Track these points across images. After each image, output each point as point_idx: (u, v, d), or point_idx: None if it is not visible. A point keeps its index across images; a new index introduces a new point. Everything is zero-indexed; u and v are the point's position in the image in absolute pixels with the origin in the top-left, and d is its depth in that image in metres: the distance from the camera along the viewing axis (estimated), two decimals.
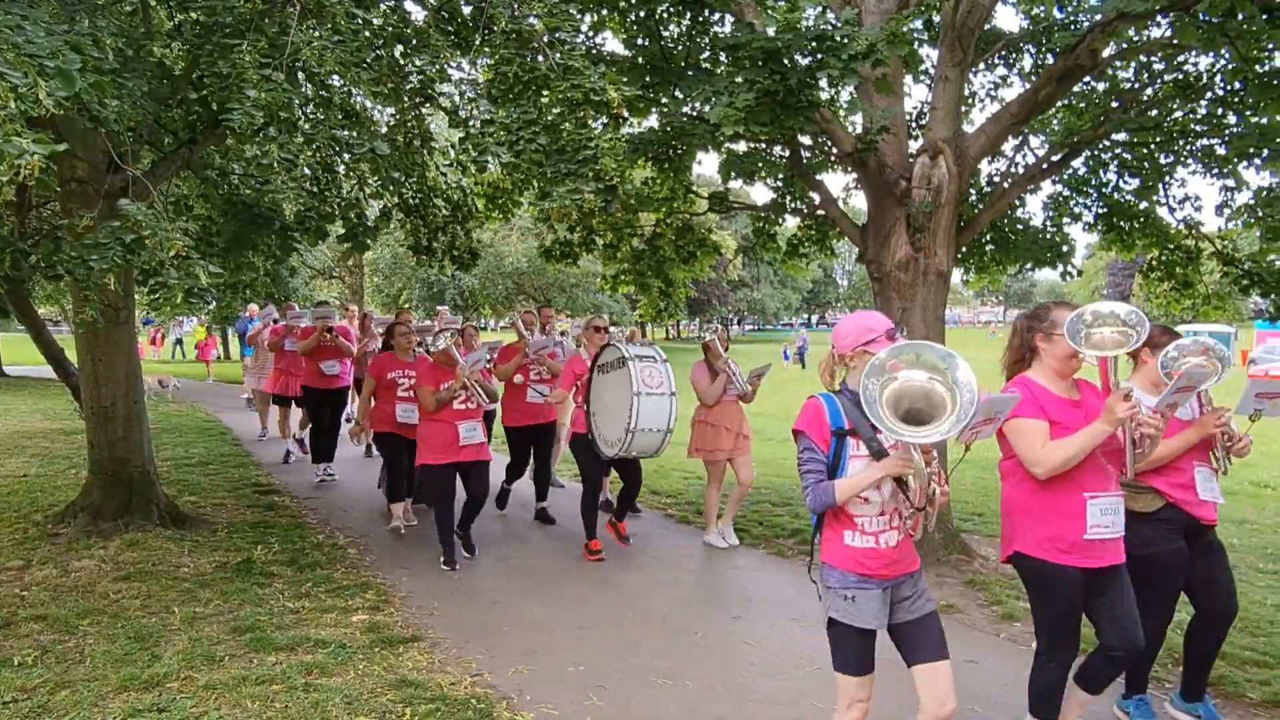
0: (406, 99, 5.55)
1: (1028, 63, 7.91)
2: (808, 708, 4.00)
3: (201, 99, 5.59)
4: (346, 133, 5.04)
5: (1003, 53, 7.76)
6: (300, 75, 4.54)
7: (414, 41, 5.23)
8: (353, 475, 9.16)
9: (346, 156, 5.47)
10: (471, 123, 5.17)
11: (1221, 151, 7.14)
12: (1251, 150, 6.76)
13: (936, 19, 7.13)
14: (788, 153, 7.15)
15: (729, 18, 7.28)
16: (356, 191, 6.86)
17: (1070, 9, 7.20)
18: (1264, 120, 6.55)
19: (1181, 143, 7.41)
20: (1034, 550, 3.17)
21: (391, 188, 6.30)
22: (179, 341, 35.43)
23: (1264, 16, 5.45)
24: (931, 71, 7.60)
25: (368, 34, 4.72)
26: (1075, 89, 7.37)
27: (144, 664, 4.17)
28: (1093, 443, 3.03)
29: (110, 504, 6.49)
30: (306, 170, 4.62)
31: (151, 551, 5.98)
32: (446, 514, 6.08)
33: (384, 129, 6.04)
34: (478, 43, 5.71)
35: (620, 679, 4.27)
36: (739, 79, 5.38)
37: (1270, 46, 6.19)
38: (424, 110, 6.36)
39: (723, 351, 6.77)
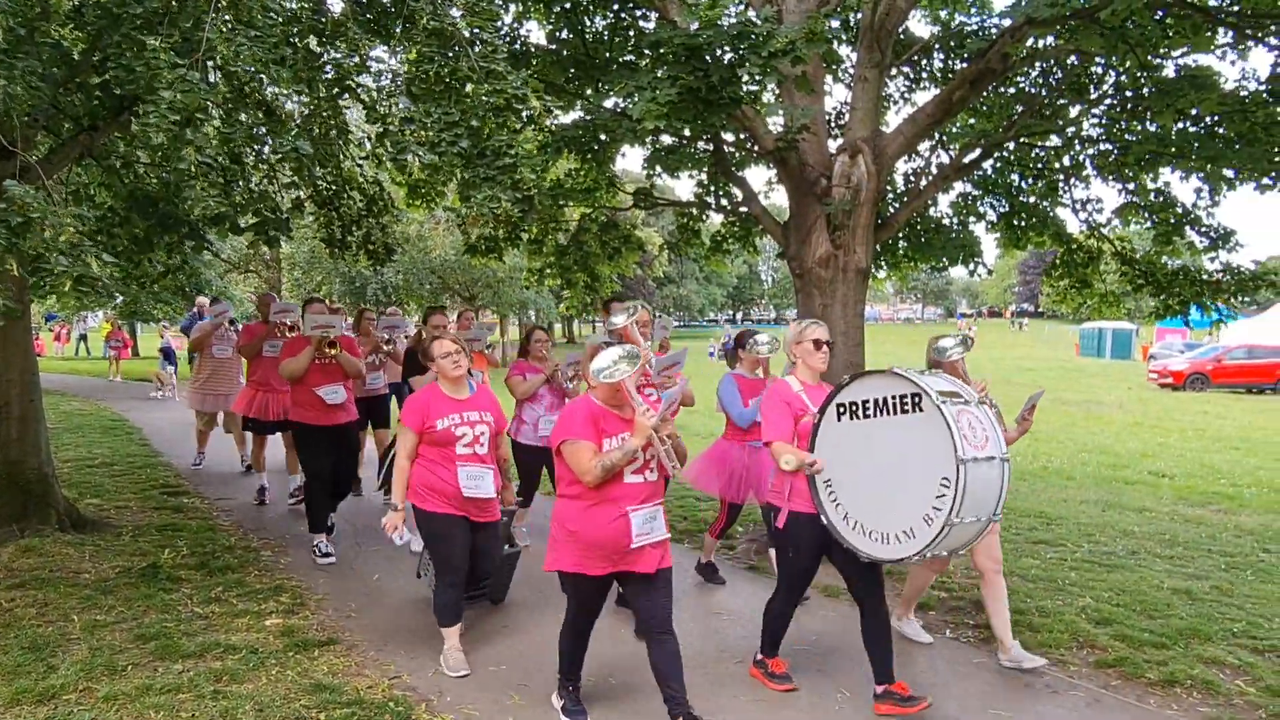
0: (323, 89, 5.38)
1: (940, 66, 8.13)
2: (727, 700, 4.04)
3: (104, 84, 5.33)
4: (266, 132, 4.86)
5: (916, 57, 7.97)
6: (217, 74, 4.36)
7: (329, 32, 5.07)
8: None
9: (265, 151, 5.28)
10: (390, 120, 5.04)
11: (1116, 156, 7.47)
12: (1149, 157, 7.10)
13: (855, 19, 7.29)
14: (711, 148, 7.21)
15: (653, 13, 7.31)
16: (266, 184, 6.64)
17: (979, 16, 7.44)
18: (1156, 128, 6.86)
19: (1081, 147, 7.74)
20: None
21: (307, 178, 6.11)
22: (83, 338, 33.90)
23: (1157, 19, 5.72)
24: (851, 72, 7.75)
25: (283, 24, 4.55)
26: (986, 93, 7.63)
27: (39, 676, 3.97)
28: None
29: (4, 509, 6.15)
30: (221, 167, 4.42)
31: (49, 557, 5.69)
32: (579, 646, 3.95)
33: (298, 120, 5.83)
34: (399, 32, 5.58)
35: (543, 678, 4.24)
36: (661, 74, 5.40)
37: (1164, 53, 6.51)
38: (341, 102, 6.18)
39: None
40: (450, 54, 4.87)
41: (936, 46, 7.78)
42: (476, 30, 5.02)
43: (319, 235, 7.52)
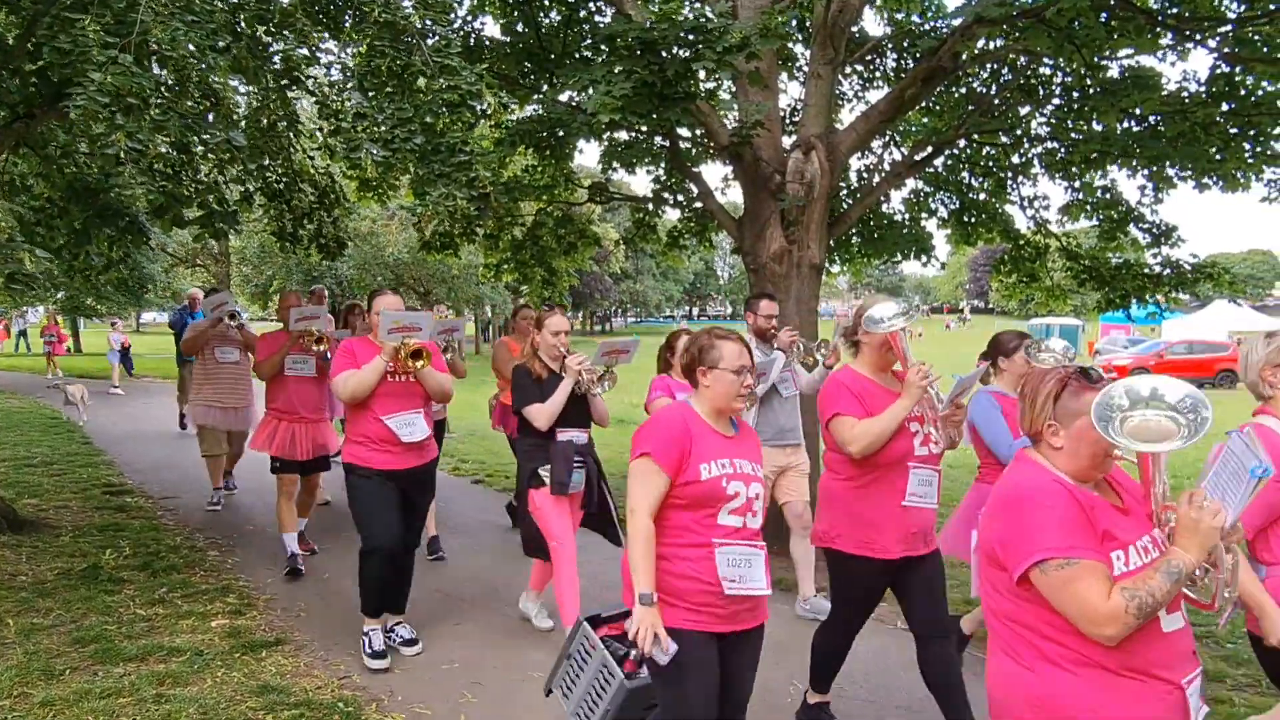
0: (270, 80, 5.26)
1: (893, 64, 8.23)
2: None
3: (40, 70, 5.15)
4: (201, 120, 4.73)
5: (870, 56, 8.06)
6: (153, 59, 4.23)
7: (277, 21, 4.96)
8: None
9: (208, 139, 5.14)
10: (343, 116, 4.95)
11: (1064, 155, 7.64)
12: (1095, 156, 7.27)
13: (809, 20, 7.33)
14: (667, 144, 7.21)
15: (609, 7, 7.28)
16: (215, 174, 6.48)
17: (931, 14, 7.54)
18: (1102, 127, 7.02)
19: (1029, 146, 7.90)
20: None
21: (244, 171, 5.95)
22: (23, 333, 32.89)
23: (1102, 21, 5.85)
24: (806, 70, 7.81)
25: (225, 10, 4.43)
26: (937, 92, 7.74)
27: None
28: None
29: None
30: (159, 154, 4.27)
31: None
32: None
33: (243, 110, 5.69)
34: (348, 24, 5.48)
35: (496, 675, 4.22)
36: (617, 69, 5.38)
37: (1109, 54, 6.66)
38: (290, 94, 6.06)
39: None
40: (403, 48, 4.79)
41: (889, 45, 7.87)
42: (430, 23, 4.95)
43: (269, 228, 7.36)
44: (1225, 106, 6.70)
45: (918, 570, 3.37)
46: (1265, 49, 6.22)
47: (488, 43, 7.40)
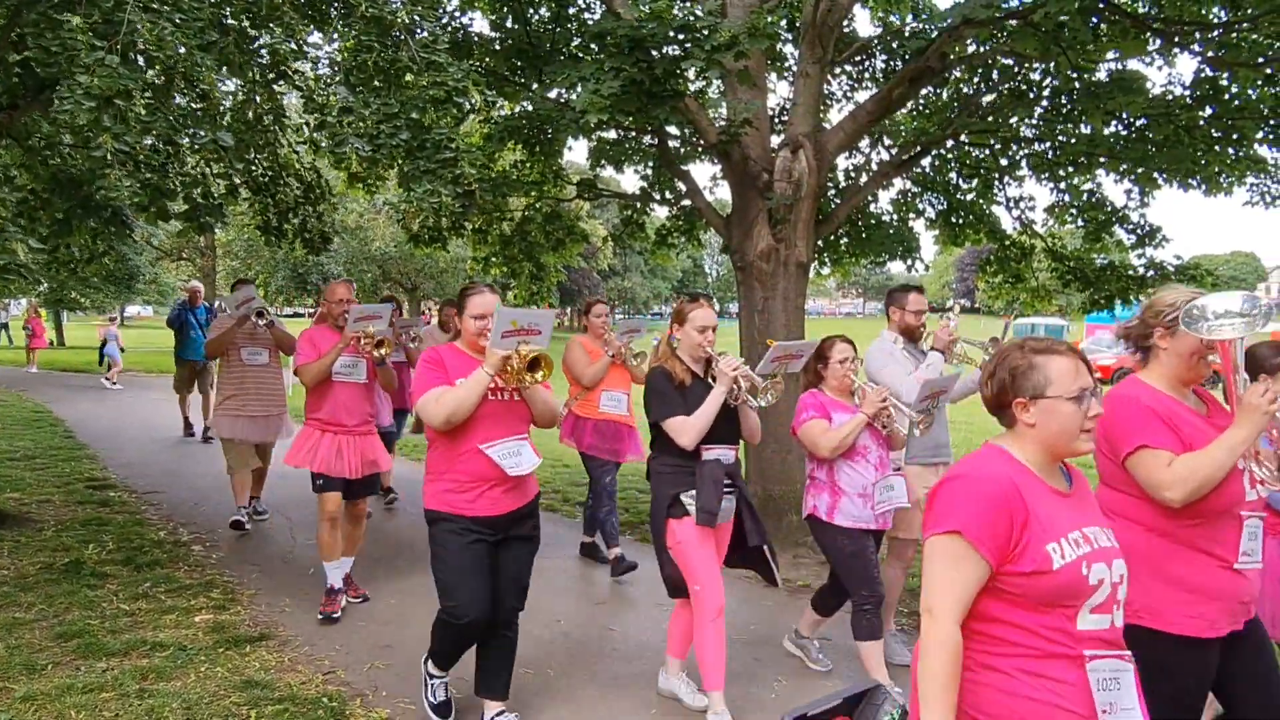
0: (257, 74, 5.23)
1: (882, 65, 8.27)
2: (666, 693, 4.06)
3: (24, 61, 5.10)
4: (189, 118, 4.69)
5: (859, 56, 8.08)
6: (140, 59, 4.20)
7: (264, 14, 4.93)
8: (198, 466, 8.65)
9: (198, 134, 5.10)
10: (328, 110, 4.92)
11: (1052, 156, 7.69)
12: (1081, 159, 7.32)
13: (799, 17, 7.35)
14: (656, 142, 7.22)
15: (598, 3, 7.29)
16: (202, 168, 6.44)
17: (924, 17, 7.58)
18: (1089, 130, 7.08)
19: (1016, 148, 7.96)
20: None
21: (229, 168, 5.90)
22: (4, 326, 32.59)
23: (1091, 26, 5.90)
24: (794, 69, 7.83)
25: (212, 6, 4.40)
26: (926, 94, 7.79)
27: None
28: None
29: None
30: (146, 153, 4.22)
31: None
32: None
33: (228, 103, 5.64)
34: (334, 16, 5.45)
35: None
36: (606, 67, 5.38)
37: (1095, 56, 6.70)
38: (277, 88, 6.03)
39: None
40: (390, 43, 4.77)
41: (878, 45, 7.90)
42: (417, 19, 4.94)
43: (254, 222, 7.31)
44: (1208, 110, 6.77)
45: (1242, 647, 2.54)
46: (1248, 54, 6.28)
47: (477, 39, 7.39)
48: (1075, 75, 6.76)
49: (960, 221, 8.67)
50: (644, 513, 7.43)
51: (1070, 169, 7.64)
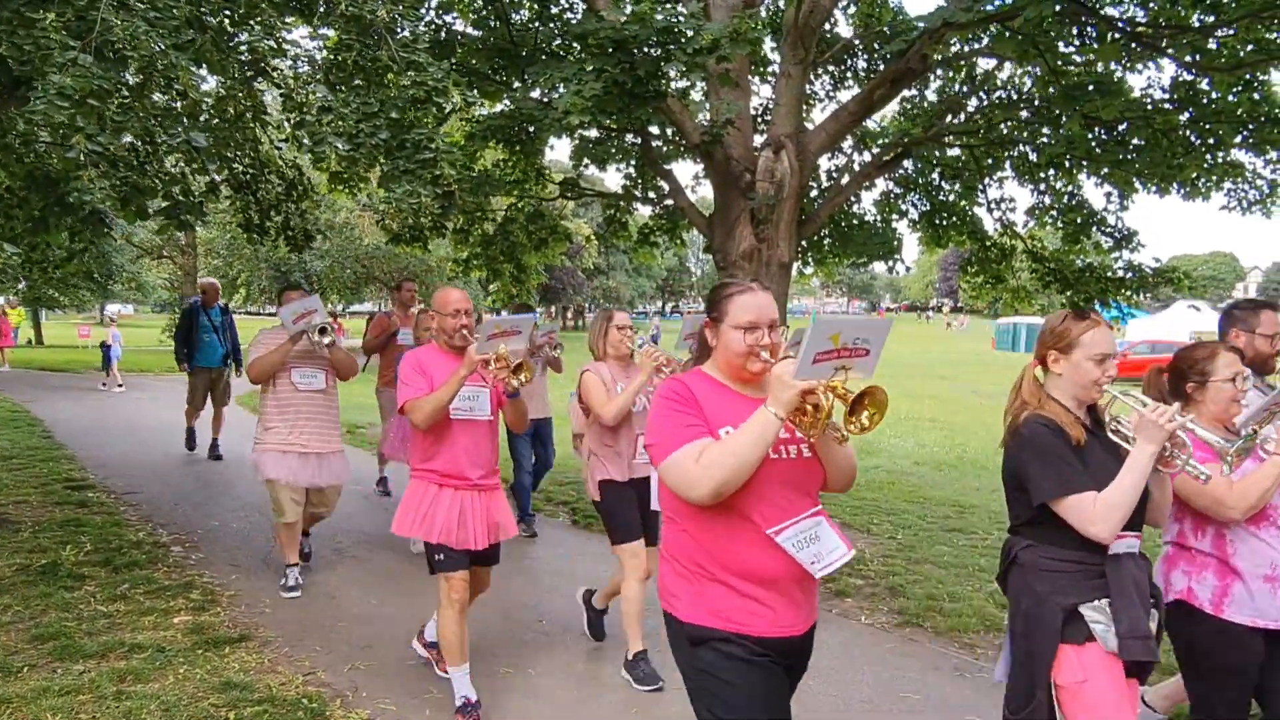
0: (235, 70, 5.20)
1: (864, 67, 8.32)
2: (651, 693, 4.07)
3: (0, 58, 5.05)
4: (166, 116, 4.66)
5: (842, 58, 8.13)
6: (114, 55, 4.17)
7: (243, 11, 4.90)
8: (172, 465, 8.57)
9: (165, 136, 5.06)
10: (307, 109, 4.89)
11: (1033, 159, 7.76)
12: (1065, 162, 7.39)
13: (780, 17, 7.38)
14: (639, 142, 7.23)
15: (580, 2, 7.29)
16: (181, 165, 6.39)
17: (903, 21, 7.63)
18: (1068, 132, 7.15)
19: (998, 150, 8.02)
20: None
21: (215, 165, 5.87)
22: None
23: (1074, 29, 5.96)
24: (777, 70, 7.87)
25: (189, 3, 4.36)
26: (907, 96, 7.84)
27: None
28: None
29: None
30: (122, 153, 4.17)
31: None
32: None
33: (209, 101, 5.61)
34: (321, 10, 5.42)
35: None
36: (588, 67, 5.39)
37: (1074, 60, 6.77)
38: (256, 85, 6.00)
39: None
40: (370, 42, 4.76)
41: (860, 47, 7.95)
42: (398, 18, 4.93)
43: (235, 220, 7.28)
44: (1186, 114, 6.84)
45: None
46: (1225, 59, 6.36)
47: (459, 38, 7.38)
48: (1052, 78, 6.83)
49: (943, 222, 8.74)
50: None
51: (1050, 171, 7.71)
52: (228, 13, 4.86)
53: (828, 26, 7.23)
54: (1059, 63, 6.61)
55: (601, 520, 4.38)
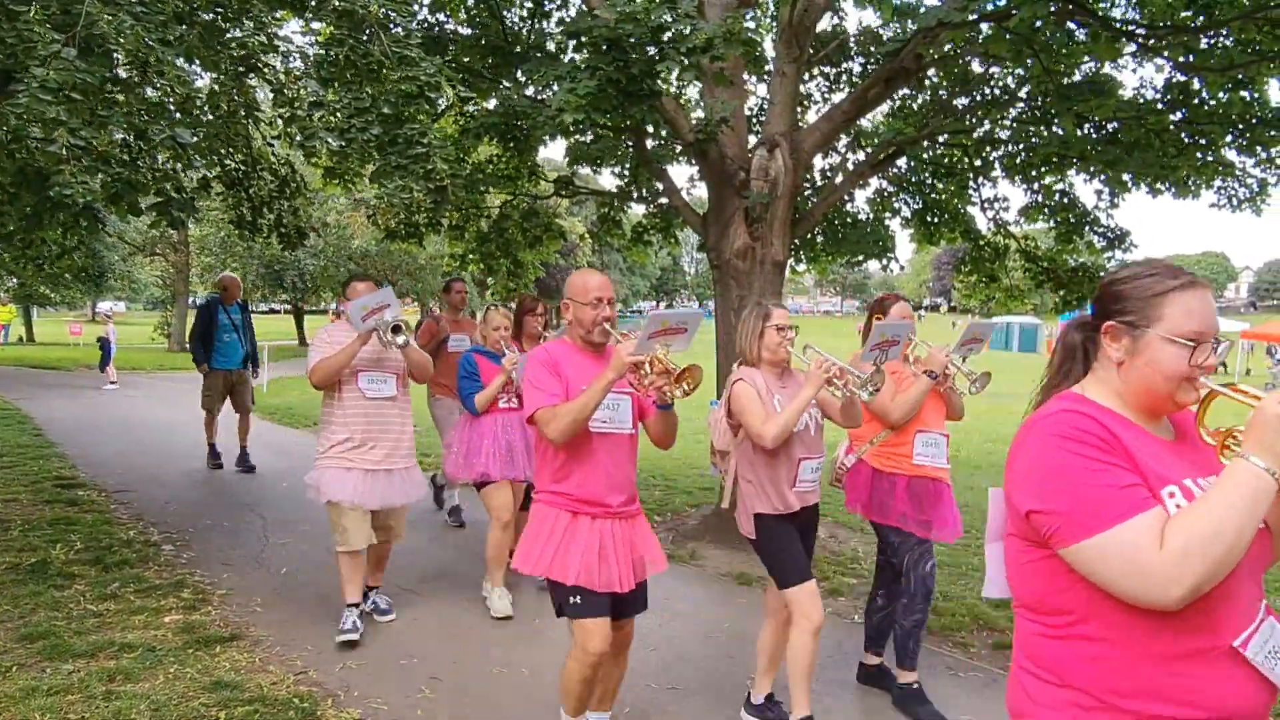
0: (226, 67, 5.17)
1: (858, 67, 8.31)
2: (642, 690, 4.07)
3: None
4: (153, 112, 4.62)
5: (836, 58, 8.12)
6: (97, 51, 4.13)
7: (234, 7, 4.87)
8: (163, 462, 8.54)
9: (153, 132, 5.02)
10: (298, 104, 4.86)
11: (1026, 158, 7.77)
12: (1058, 161, 7.40)
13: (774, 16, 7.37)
14: (633, 141, 7.21)
15: (574, 3, 7.27)
16: (173, 162, 6.36)
17: (898, 22, 7.63)
18: (1061, 131, 7.16)
19: (990, 149, 8.03)
20: None
21: (202, 161, 5.82)
22: None
23: (1066, 31, 5.96)
24: (771, 69, 7.85)
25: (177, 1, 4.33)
26: (901, 94, 7.84)
27: None
28: None
29: None
30: (109, 149, 4.13)
31: None
32: None
33: (203, 96, 5.57)
34: (313, 4, 5.39)
35: (454, 669, 4.21)
36: (582, 66, 5.37)
37: (1069, 60, 6.78)
38: (248, 81, 5.97)
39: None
40: (362, 37, 4.74)
41: (854, 47, 7.94)
42: (390, 13, 4.90)
43: (227, 217, 7.24)
44: (1178, 115, 6.85)
45: None
46: (1218, 59, 6.36)
47: (452, 35, 7.35)
48: (1046, 78, 6.83)
49: (936, 221, 8.75)
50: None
51: (1043, 169, 7.72)
52: (219, 8, 4.83)
53: (828, 17, 7.21)
54: (1052, 64, 6.61)
55: (763, 561, 3.62)
